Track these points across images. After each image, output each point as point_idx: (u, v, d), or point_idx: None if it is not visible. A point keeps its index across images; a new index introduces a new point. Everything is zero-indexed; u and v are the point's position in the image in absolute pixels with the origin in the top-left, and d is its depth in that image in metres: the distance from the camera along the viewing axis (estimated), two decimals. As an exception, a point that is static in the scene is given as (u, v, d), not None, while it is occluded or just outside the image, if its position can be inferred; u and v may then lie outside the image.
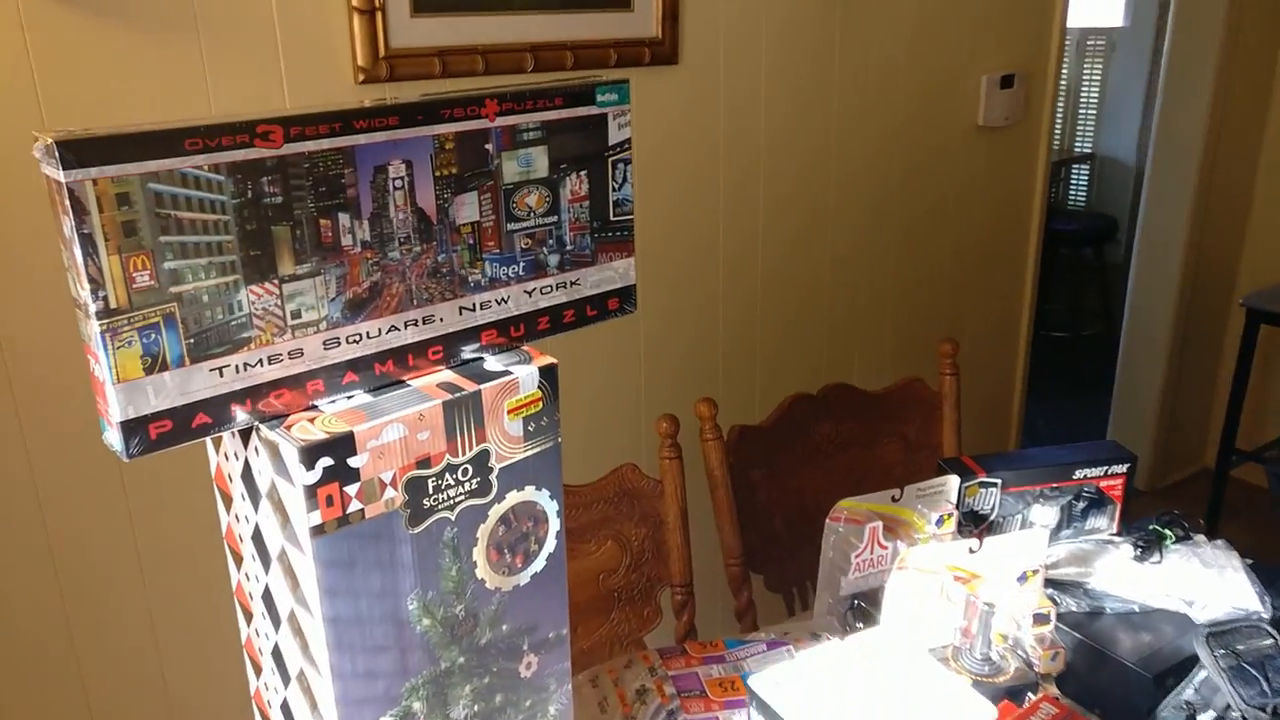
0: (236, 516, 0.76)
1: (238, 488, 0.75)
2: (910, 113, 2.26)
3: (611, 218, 0.85)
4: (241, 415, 0.68)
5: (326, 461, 0.67)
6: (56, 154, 0.57)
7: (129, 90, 1.31)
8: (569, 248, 0.83)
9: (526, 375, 0.78)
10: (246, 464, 0.73)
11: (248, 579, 0.78)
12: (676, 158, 1.91)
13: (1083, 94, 4.95)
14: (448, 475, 0.74)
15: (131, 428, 0.63)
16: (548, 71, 1.69)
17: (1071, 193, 5.10)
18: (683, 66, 1.89)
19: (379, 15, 1.49)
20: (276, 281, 0.67)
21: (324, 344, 0.71)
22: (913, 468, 1.72)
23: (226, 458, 0.75)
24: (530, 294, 0.82)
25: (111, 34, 1.28)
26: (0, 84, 1.22)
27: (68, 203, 0.58)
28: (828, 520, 1.30)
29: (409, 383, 0.76)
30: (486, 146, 0.76)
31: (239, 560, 0.78)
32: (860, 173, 2.21)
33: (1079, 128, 5.01)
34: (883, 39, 2.16)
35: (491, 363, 0.79)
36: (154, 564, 1.50)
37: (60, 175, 0.58)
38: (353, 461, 0.69)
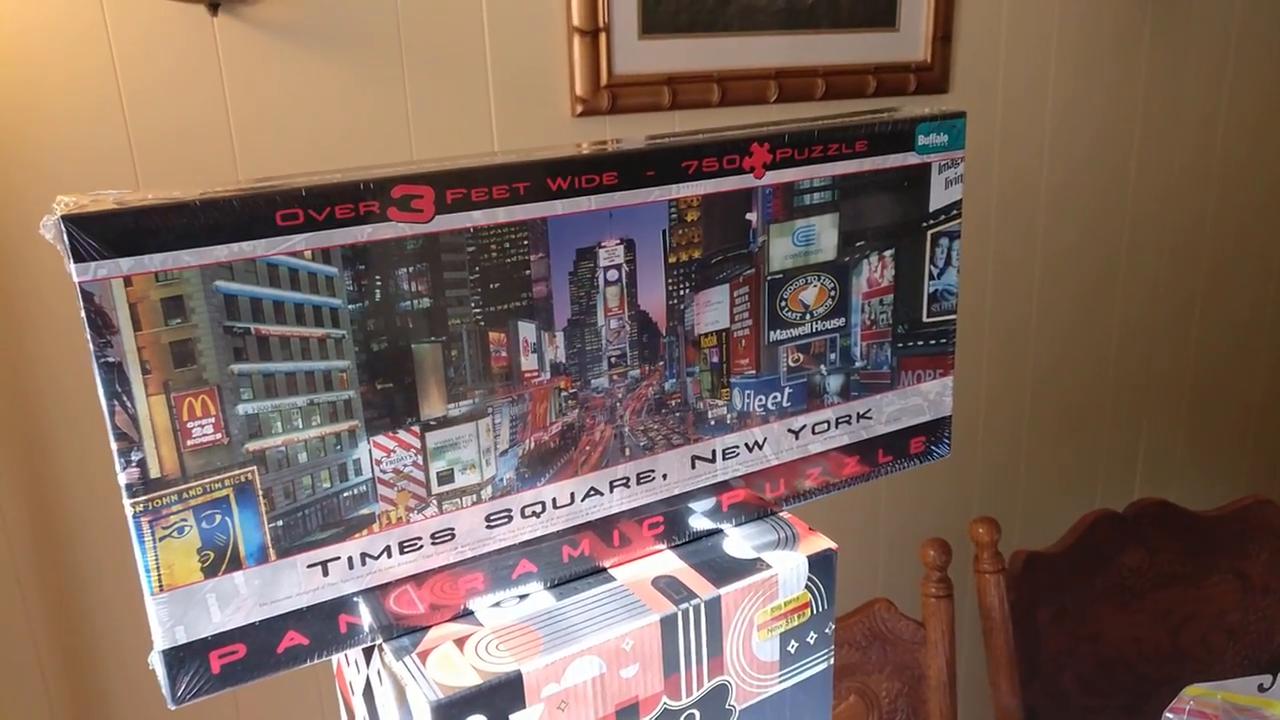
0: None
1: (360, 707, 0.51)
2: (1235, 169, 1.83)
3: (925, 318, 0.56)
4: (357, 631, 0.44)
5: (476, 721, 0.42)
6: (65, 237, 0.35)
7: (322, 126, 1.14)
8: (859, 364, 0.55)
9: (790, 570, 0.50)
10: (368, 685, 0.49)
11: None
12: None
13: None
14: (664, 728, 0.48)
15: (181, 658, 0.41)
16: (795, 102, 1.41)
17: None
18: (954, 96, 1.57)
19: (603, 37, 1.27)
20: (417, 429, 0.43)
21: (487, 519, 0.46)
22: (1254, 616, 1.31)
23: (347, 660, 0.52)
24: (797, 434, 0.54)
25: (304, 58, 1.12)
26: (191, 117, 1.08)
27: (82, 314, 0.36)
28: (1166, 713, 0.95)
29: (612, 574, 0.50)
30: (748, 216, 0.49)
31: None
32: (1156, 228, 1.80)
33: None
34: (1202, 63, 1.75)
35: (735, 543, 0.52)
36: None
37: (73, 271, 0.35)
38: (518, 718, 0.43)
